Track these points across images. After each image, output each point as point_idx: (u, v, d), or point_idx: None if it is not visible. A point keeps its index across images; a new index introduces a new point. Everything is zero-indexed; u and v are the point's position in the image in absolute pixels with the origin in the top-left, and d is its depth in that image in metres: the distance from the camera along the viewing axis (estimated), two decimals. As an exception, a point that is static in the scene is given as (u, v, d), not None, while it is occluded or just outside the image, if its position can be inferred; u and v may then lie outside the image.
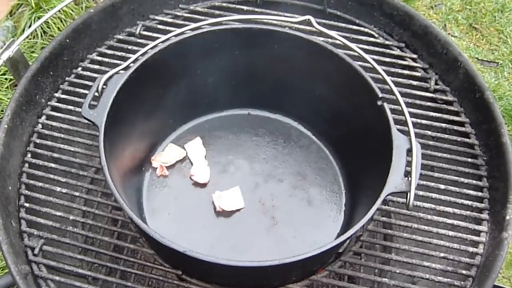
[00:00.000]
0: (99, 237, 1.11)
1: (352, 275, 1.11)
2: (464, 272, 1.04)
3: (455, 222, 1.09)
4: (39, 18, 2.09)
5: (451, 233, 1.07)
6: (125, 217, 1.10)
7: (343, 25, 1.35)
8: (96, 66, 1.30)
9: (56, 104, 1.24)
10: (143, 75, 1.06)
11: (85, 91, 1.22)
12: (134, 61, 1.06)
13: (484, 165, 1.16)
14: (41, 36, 2.10)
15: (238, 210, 1.15)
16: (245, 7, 1.38)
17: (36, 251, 1.06)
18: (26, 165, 1.16)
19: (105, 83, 1.02)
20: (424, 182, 1.12)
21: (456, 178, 1.14)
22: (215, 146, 1.25)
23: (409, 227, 1.09)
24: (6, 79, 2.02)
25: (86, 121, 1.00)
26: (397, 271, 1.05)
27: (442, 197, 1.11)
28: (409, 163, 0.94)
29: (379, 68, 1.02)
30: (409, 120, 0.98)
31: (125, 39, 1.34)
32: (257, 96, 1.26)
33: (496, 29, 2.35)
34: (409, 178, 0.91)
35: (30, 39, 2.08)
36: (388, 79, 1.01)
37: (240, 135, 1.27)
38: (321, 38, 1.12)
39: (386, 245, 1.12)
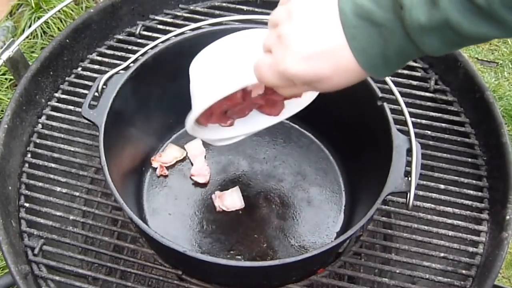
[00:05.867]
0: (99, 237, 1.11)
1: (352, 275, 1.10)
2: (464, 272, 1.04)
3: (455, 222, 1.09)
4: (39, 18, 2.09)
5: (451, 233, 1.07)
6: (125, 217, 1.10)
7: (343, 25, 1.35)
8: (96, 66, 1.30)
9: (56, 104, 1.24)
10: (143, 75, 1.05)
11: (85, 91, 1.22)
12: (134, 61, 1.06)
13: (484, 165, 1.16)
14: (41, 36, 2.10)
15: (238, 210, 1.16)
16: (245, 7, 1.37)
17: (36, 251, 1.06)
18: (26, 165, 1.16)
19: (105, 83, 1.02)
20: (424, 182, 1.12)
21: (456, 178, 1.14)
22: (215, 146, 1.25)
23: (409, 227, 1.09)
24: (6, 79, 2.02)
25: (86, 121, 1.00)
26: (397, 271, 1.05)
27: (442, 197, 1.11)
28: (409, 163, 0.94)
29: (379, 68, 1.01)
30: (409, 120, 0.98)
31: (125, 39, 1.34)
32: (257, 96, 1.26)
33: (496, 29, 2.35)
34: (409, 178, 0.91)
35: (30, 39, 2.08)
36: (388, 79, 1.01)
37: (240, 135, 1.27)
38: (321, 38, 1.12)
39: (386, 245, 1.12)
